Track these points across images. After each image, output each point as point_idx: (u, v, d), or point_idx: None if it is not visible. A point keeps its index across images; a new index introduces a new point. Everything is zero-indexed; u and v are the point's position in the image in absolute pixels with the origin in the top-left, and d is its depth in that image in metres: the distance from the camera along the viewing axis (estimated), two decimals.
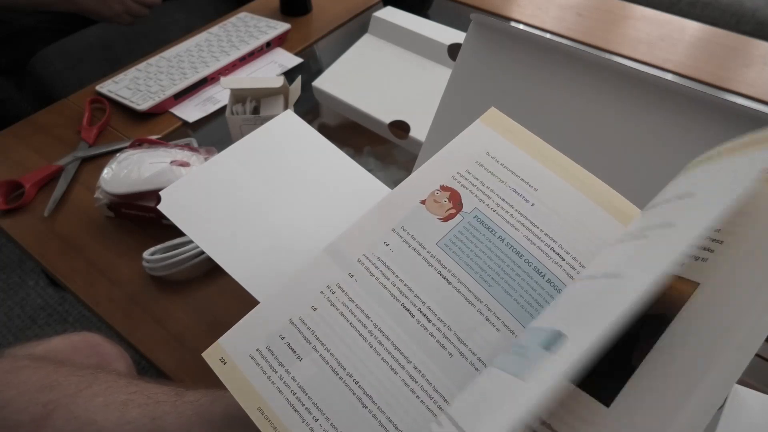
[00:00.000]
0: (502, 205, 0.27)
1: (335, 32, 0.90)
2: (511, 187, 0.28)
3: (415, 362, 0.25)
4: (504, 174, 0.28)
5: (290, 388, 0.25)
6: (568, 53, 0.38)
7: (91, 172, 0.64)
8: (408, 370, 0.24)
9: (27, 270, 1.31)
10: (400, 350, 0.25)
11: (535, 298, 0.25)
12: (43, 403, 0.30)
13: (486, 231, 0.27)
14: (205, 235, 0.39)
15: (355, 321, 0.26)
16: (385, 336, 0.25)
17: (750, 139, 0.20)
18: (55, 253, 0.56)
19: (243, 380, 0.26)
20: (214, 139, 0.69)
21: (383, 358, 0.25)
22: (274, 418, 0.24)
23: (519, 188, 0.28)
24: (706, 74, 0.78)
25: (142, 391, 0.31)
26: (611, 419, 0.18)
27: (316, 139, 0.46)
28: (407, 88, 0.68)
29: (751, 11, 1.21)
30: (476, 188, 0.28)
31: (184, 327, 0.49)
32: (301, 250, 0.35)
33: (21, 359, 0.34)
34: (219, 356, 0.26)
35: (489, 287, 0.25)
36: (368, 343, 0.25)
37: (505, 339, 0.24)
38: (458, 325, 0.25)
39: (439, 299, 0.26)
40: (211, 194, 0.41)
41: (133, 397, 0.31)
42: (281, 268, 0.33)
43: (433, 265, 0.26)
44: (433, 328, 0.25)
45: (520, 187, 0.28)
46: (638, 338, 0.19)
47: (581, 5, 0.93)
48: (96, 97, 0.74)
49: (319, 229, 0.36)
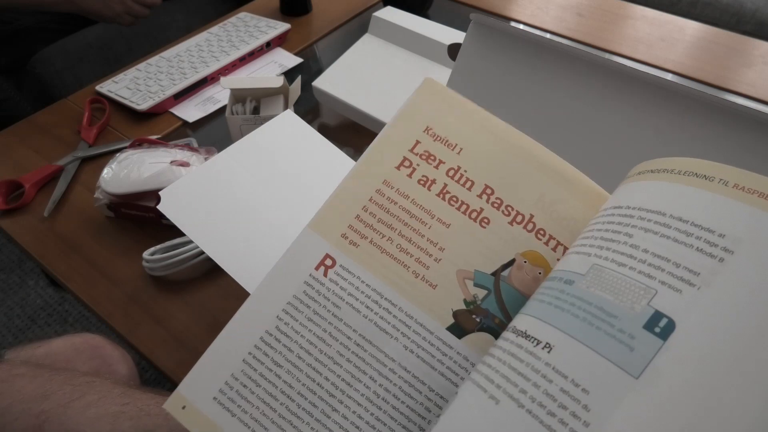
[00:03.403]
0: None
1: (335, 32, 0.90)
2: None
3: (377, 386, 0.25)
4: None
5: (258, 422, 0.25)
6: (568, 53, 0.38)
7: (91, 172, 0.64)
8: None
9: (27, 270, 1.31)
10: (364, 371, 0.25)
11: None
12: (35, 414, 0.30)
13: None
14: (204, 235, 0.39)
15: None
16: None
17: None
18: (54, 253, 0.56)
19: (206, 422, 0.25)
20: (214, 139, 0.69)
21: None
22: None
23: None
24: (706, 74, 0.78)
25: (135, 402, 0.31)
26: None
27: (316, 139, 0.46)
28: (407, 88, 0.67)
29: (751, 11, 1.21)
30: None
31: (184, 327, 0.49)
32: None
33: (18, 366, 0.34)
34: (181, 404, 0.26)
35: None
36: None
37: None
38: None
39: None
40: (211, 194, 0.41)
41: (126, 408, 0.31)
42: None
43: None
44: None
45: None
46: None
47: (581, 5, 0.93)
48: (96, 97, 0.74)
49: None
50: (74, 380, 0.33)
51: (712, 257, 0.18)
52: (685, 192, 0.20)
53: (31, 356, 0.40)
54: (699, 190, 0.20)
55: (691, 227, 0.19)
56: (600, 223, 0.23)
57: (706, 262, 0.18)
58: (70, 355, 0.41)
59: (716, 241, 0.18)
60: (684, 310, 0.18)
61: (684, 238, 0.19)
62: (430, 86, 0.29)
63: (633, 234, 0.20)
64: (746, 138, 0.33)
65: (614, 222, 0.22)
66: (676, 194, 0.20)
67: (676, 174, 0.21)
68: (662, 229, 0.20)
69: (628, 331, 0.18)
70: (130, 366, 0.43)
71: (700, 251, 0.18)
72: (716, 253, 0.18)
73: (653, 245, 0.20)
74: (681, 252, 0.19)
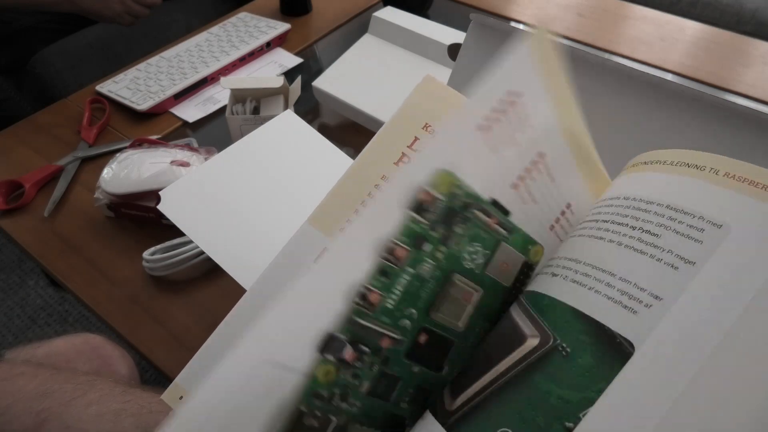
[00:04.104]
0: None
1: (335, 32, 0.90)
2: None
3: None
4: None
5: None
6: (567, 54, 0.38)
7: (91, 172, 0.64)
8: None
9: (27, 270, 1.31)
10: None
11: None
12: (36, 412, 0.30)
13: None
14: (204, 235, 0.39)
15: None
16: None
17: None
18: (55, 253, 0.56)
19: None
20: (214, 139, 0.69)
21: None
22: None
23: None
24: (706, 74, 0.78)
25: (136, 400, 0.31)
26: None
27: (315, 139, 0.46)
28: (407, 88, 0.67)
29: (751, 11, 1.21)
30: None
31: (184, 327, 0.49)
32: None
33: (19, 365, 0.34)
34: (178, 395, 0.26)
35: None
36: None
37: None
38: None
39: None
40: (211, 194, 0.41)
41: (127, 406, 0.31)
42: None
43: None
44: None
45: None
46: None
47: (581, 5, 0.93)
48: (96, 97, 0.74)
49: None
50: (75, 379, 0.33)
51: (699, 243, 0.19)
52: (676, 181, 0.21)
53: (31, 356, 0.40)
54: (691, 178, 0.20)
55: (680, 215, 0.20)
56: (597, 212, 0.23)
57: (695, 247, 0.19)
58: (71, 355, 0.41)
59: (705, 227, 0.19)
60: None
61: (674, 225, 0.20)
62: (429, 83, 0.29)
63: (625, 222, 0.21)
64: (746, 138, 0.33)
65: (611, 212, 0.22)
66: (667, 183, 0.21)
67: (668, 165, 0.22)
68: (655, 217, 0.20)
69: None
70: (130, 366, 0.43)
71: (689, 238, 0.19)
72: (704, 238, 0.19)
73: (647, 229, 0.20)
74: (671, 239, 0.19)
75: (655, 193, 0.21)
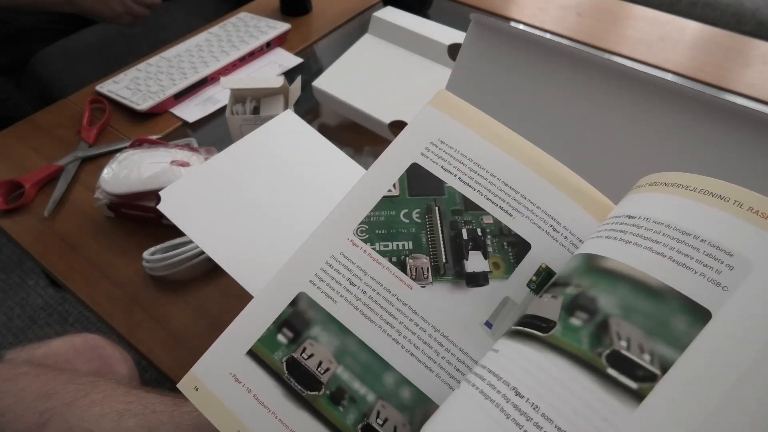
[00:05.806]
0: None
1: (335, 32, 0.90)
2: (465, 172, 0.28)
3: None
4: (459, 158, 0.29)
5: (268, 409, 0.25)
6: (568, 53, 0.38)
7: (91, 172, 0.64)
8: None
9: (27, 270, 1.31)
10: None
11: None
12: (39, 412, 0.30)
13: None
14: (204, 235, 0.39)
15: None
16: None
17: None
18: (55, 253, 0.56)
19: (218, 405, 0.25)
20: (214, 139, 0.69)
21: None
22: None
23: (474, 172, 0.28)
24: (706, 74, 0.78)
25: (139, 400, 0.31)
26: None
27: (315, 139, 0.46)
28: (407, 88, 0.68)
29: (751, 11, 1.21)
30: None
31: (184, 327, 0.49)
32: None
33: (21, 365, 0.34)
34: (193, 385, 0.26)
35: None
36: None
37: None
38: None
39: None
40: (211, 194, 0.41)
41: (130, 406, 0.31)
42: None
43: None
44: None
45: (474, 171, 0.28)
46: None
47: (581, 5, 0.93)
48: (96, 97, 0.74)
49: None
50: (78, 379, 0.33)
51: (719, 275, 0.19)
52: (697, 208, 0.21)
53: (31, 357, 0.40)
54: (713, 208, 0.20)
55: (702, 244, 0.20)
56: (608, 230, 0.23)
57: (714, 281, 0.19)
58: (70, 355, 0.41)
59: (725, 259, 0.19)
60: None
61: (694, 253, 0.20)
62: (442, 98, 0.30)
63: (641, 244, 0.21)
64: (746, 138, 0.33)
65: (626, 231, 0.22)
66: (689, 209, 0.21)
67: (691, 191, 0.22)
68: (676, 243, 0.20)
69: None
70: (130, 366, 0.43)
71: (710, 268, 0.19)
72: (723, 270, 0.19)
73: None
74: (692, 267, 0.19)
75: (685, 221, 0.21)
